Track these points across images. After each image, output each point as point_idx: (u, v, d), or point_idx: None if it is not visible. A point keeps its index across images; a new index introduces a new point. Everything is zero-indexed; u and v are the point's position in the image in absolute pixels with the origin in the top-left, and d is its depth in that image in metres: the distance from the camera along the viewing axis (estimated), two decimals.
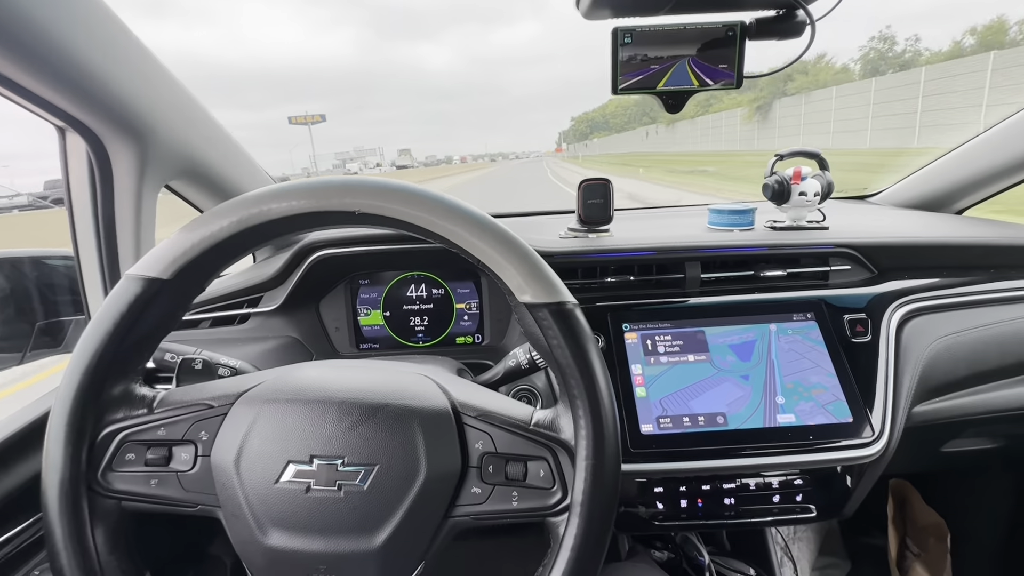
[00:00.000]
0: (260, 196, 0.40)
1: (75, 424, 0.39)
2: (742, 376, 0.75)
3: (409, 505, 0.39)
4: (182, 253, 0.40)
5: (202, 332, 0.86)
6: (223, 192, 0.87)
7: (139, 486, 0.40)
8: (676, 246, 0.84)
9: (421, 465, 0.39)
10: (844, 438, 0.71)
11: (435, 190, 0.42)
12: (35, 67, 0.54)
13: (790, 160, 0.95)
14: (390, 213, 0.40)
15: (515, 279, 0.40)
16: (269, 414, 0.41)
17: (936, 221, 1.05)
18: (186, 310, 0.45)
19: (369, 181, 0.41)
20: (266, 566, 0.40)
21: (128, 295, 0.40)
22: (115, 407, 0.41)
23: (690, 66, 0.72)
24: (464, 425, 0.42)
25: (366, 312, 0.93)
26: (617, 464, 0.40)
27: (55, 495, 0.37)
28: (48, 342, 0.82)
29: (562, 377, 0.41)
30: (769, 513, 0.74)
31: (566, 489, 0.40)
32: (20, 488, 0.62)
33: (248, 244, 0.42)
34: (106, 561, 0.39)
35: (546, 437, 0.42)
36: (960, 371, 0.79)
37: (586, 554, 0.38)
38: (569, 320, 0.40)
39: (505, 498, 0.41)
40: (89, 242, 0.73)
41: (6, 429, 0.63)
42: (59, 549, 0.37)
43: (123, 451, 0.41)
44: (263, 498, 0.39)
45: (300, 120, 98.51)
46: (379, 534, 0.39)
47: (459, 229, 0.40)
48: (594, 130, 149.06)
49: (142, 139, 0.69)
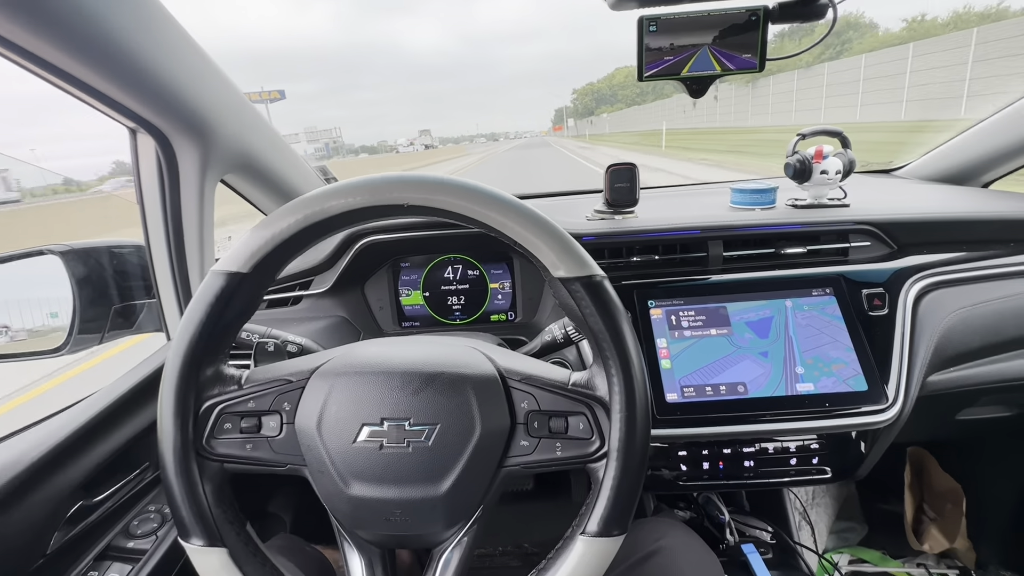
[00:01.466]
0: (321, 195, 0.45)
1: (180, 401, 0.45)
2: (761, 353, 0.79)
3: (468, 458, 0.45)
4: (258, 249, 0.45)
5: (260, 313, 0.94)
6: (271, 184, 0.93)
7: (237, 450, 0.47)
8: (699, 225, 0.88)
9: (476, 423, 0.45)
10: (859, 405, 0.75)
11: (473, 180, 0.46)
12: (111, 72, 0.60)
13: (812, 139, 0.97)
14: (435, 204, 0.44)
15: (549, 257, 0.44)
16: (342, 385, 0.47)
17: (959, 195, 1.05)
18: (261, 299, 0.51)
19: (415, 176, 0.45)
20: (350, 512, 0.46)
21: (215, 288, 0.45)
22: (210, 385, 0.48)
23: (712, 52, 0.75)
24: (510, 388, 0.48)
25: (407, 293, 1.00)
26: (647, 415, 0.45)
27: (171, 459, 0.44)
28: (123, 323, 0.90)
29: (596, 342, 0.46)
30: (786, 474, 0.80)
31: (604, 438, 0.46)
32: (126, 444, 0.71)
33: (312, 238, 0.47)
34: (216, 512, 0.45)
35: (583, 395, 0.47)
36: (975, 341, 0.82)
37: (623, 492, 0.44)
38: (599, 291, 0.45)
39: (550, 448, 0.47)
40: (159, 232, 0.80)
41: (105, 399, 0.73)
42: (179, 503, 0.44)
43: (221, 422, 0.47)
44: (343, 456, 0.45)
45: (255, 97, 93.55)
46: (443, 483, 0.45)
47: (496, 215, 0.44)
48: (600, 104, 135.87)
49: (204, 137, 0.75)
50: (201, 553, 0.44)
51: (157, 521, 0.73)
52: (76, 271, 0.82)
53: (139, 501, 0.75)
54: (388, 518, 0.46)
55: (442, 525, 0.47)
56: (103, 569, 0.66)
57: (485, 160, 31.63)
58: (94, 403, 0.70)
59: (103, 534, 0.70)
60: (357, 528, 0.48)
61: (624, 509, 0.44)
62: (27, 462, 0.59)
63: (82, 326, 0.82)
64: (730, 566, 0.96)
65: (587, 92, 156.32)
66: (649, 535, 0.70)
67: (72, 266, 0.81)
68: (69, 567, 0.65)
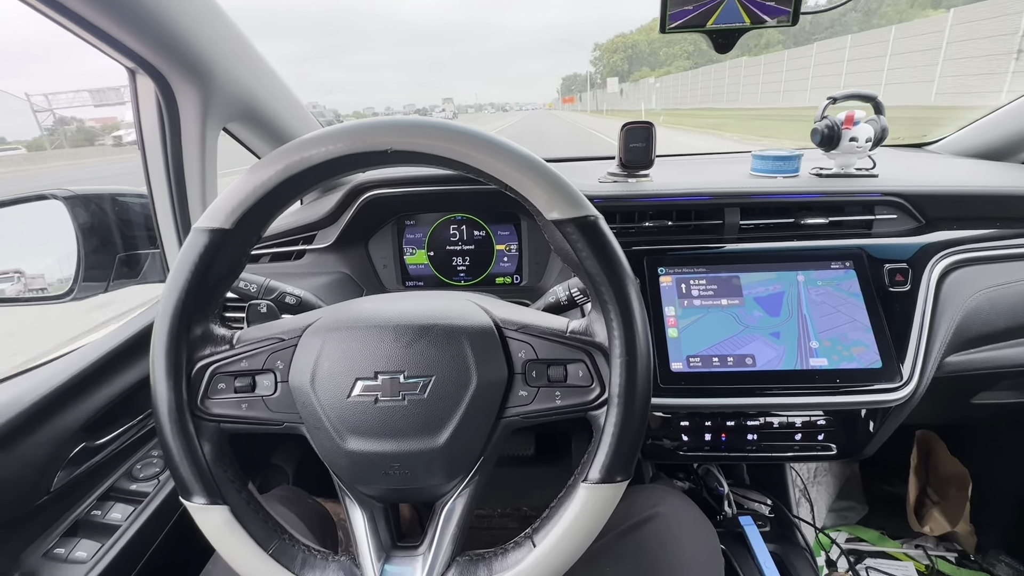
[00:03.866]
0: (300, 144, 0.43)
1: (171, 362, 0.44)
2: (772, 334, 0.76)
3: (464, 409, 0.44)
4: (239, 203, 0.43)
5: (263, 267, 0.93)
6: (274, 134, 0.91)
7: (233, 410, 0.46)
8: (716, 191, 0.84)
9: (472, 374, 0.44)
10: (871, 382, 0.73)
11: (461, 124, 0.44)
12: (111, 8, 0.58)
13: (843, 103, 0.91)
14: (421, 148, 0.42)
15: (541, 198, 0.43)
16: (335, 340, 0.46)
17: (995, 170, 1.00)
18: (249, 255, 0.50)
19: (399, 120, 0.43)
20: (349, 467, 0.46)
21: (198, 246, 0.44)
22: (201, 345, 0.47)
23: (740, 2, 0.70)
24: (506, 338, 0.47)
25: (412, 251, 0.99)
26: (648, 359, 0.43)
27: (166, 420, 0.44)
28: (127, 273, 0.90)
29: (593, 286, 0.44)
30: (790, 449, 0.79)
31: (604, 385, 0.45)
32: (129, 390, 0.72)
33: (296, 190, 0.45)
34: (215, 471, 0.45)
35: (582, 342, 0.46)
36: (1000, 323, 0.78)
37: (626, 438, 0.43)
38: (594, 231, 0.43)
39: (549, 397, 0.46)
40: (160, 180, 0.79)
41: (106, 345, 0.73)
42: (177, 463, 0.44)
43: (215, 382, 0.47)
44: (339, 411, 0.45)
45: None
46: (441, 434, 0.44)
47: (485, 156, 0.42)
48: (634, 66, 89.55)
49: (204, 81, 0.72)
50: (203, 511, 0.44)
51: (160, 465, 0.74)
52: (80, 217, 0.81)
53: (143, 446, 0.76)
54: (387, 472, 0.45)
55: (442, 477, 0.46)
56: (106, 508, 0.68)
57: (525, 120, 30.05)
58: (94, 349, 0.71)
59: (106, 476, 0.71)
60: (357, 483, 0.48)
61: (627, 455, 0.43)
62: (28, 402, 0.60)
63: (87, 273, 0.82)
64: (727, 537, 0.96)
65: (616, 47, 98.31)
66: (645, 501, 0.69)
67: (76, 212, 0.80)
68: (73, 505, 0.66)
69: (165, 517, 0.71)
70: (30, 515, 0.61)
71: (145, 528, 0.68)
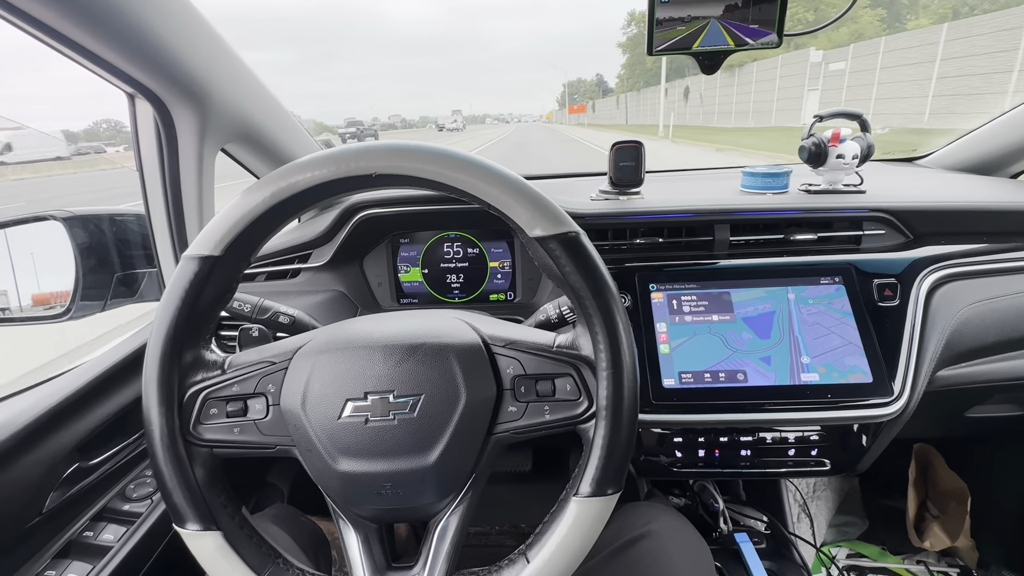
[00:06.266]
0: (287, 170, 0.44)
1: (163, 389, 0.45)
2: (763, 359, 0.76)
3: (454, 426, 0.45)
4: (228, 230, 0.44)
5: (258, 285, 0.94)
6: (271, 154, 0.92)
7: (225, 435, 0.47)
8: (706, 208, 0.85)
9: (461, 392, 0.45)
10: (863, 397, 0.73)
11: (443, 145, 0.45)
12: (109, 37, 0.59)
13: (830, 121, 0.93)
14: (404, 171, 0.43)
15: (523, 216, 0.43)
16: (324, 362, 0.46)
17: (985, 184, 1.01)
18: (239, 280, 0.50)
19: (383, 144, 0.44)
20: (341, 488, 0.46)
21: (188, 274, 0.45)
22: (193, 371, 0.47)
23: (723, 25, 0.71)
24: (494, 355, 0.47)
25: (406, 269, 0.99)
26: (634, 370, 0.44)
27: (159, 448, 0.44)
28: (125, 292, 0.91)
29: (577, 300, 0.45)
30: (784, 465, 0.78)
31: (591, 398, 0.45)
32: (122, 411, 0.72)
33: (284, 215, 0.46)
34: (208, 497, 0.46)
35: (569, 355, 0.46)
36: (991, 336, 0.79)
37: (615, 451, 0.43)
38: (576, 246, 0.44)
39: (538, 412, 0.46)
40: (158, 201, 0.80)
41: (100, 365, 0.73)
42: (170, 490, 0.44)
43: (207, 407, 0.47)
44: (330, 433, 0.45)
45: None
46: (432, 453, 0.44)
47: (468, 177, 0.43)
48: (671, 75, 32.96)
49: (202, 104, 0.74)
50: (196, 537, 0.44)
51: (152, 485, 0.74)
52: (79, 238, 0.82)
53: (136, 466, 0.76)
54: (379, 492, 0.45)
55: (435, 495, 0.46)
56: (98, 530, 0.68)
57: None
58: (88, 369, 0.71)
59: (99, 496, 0.71)
60: (350, 504, 0.48)
61: (617, 467, 0.43)
62: (21, 423, 0.60)
63: (85, 293, 0.82)
64: (722, 554, 0.96)
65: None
66: (639, 519, 0.69)
67: (75, 232, 0.82)
68: (65, 526, 0.66)
69: (158, 538, 0.71)
70: (21, 537, 0.61)
71: (137, 549, 0.67)
